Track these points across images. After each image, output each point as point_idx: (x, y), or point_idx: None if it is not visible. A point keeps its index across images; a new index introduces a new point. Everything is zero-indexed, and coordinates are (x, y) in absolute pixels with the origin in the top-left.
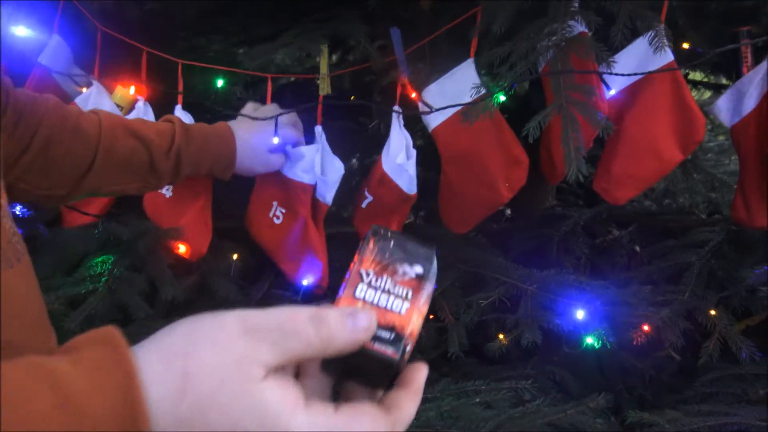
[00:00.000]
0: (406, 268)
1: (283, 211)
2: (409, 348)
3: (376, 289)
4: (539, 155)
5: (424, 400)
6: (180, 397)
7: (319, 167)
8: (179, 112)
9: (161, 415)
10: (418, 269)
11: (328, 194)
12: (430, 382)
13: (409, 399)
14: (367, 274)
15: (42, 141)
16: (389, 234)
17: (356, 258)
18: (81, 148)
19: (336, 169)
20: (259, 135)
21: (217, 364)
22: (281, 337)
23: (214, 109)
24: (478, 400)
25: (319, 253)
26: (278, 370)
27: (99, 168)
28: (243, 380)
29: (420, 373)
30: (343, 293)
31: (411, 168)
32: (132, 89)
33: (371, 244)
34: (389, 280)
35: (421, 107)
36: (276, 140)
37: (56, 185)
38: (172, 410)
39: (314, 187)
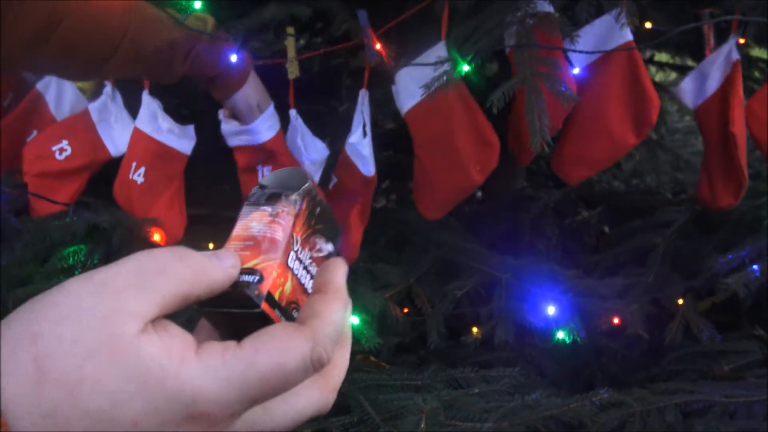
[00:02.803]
0: (323, 243)
1: None
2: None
3: (300, 262)
4: (508, 137)
5: (417, 387)
6: (37, 387)
7: (301, 150)
8: (146, 97)
9: (21, 416)
10: (330, 248)
11: (314, 176)
12: (414, 367)
13: (326, 303)
14: (297, 242)
15: (61, 37)
16: (318, 198)
17: (283, 211)
18: (106, 38)
19: (319, 149)
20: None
21: (74, 333)
22: (145, 279)
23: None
24: (477, 390)
25: None
26: (158, 322)
27: (121, 57)
28: (112, 341)
29: (337, 270)
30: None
31: (365, 148)
32: None
33: (304, 205)
34: (308, 255)
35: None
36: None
37: (76, 66)
38: (34, 405)
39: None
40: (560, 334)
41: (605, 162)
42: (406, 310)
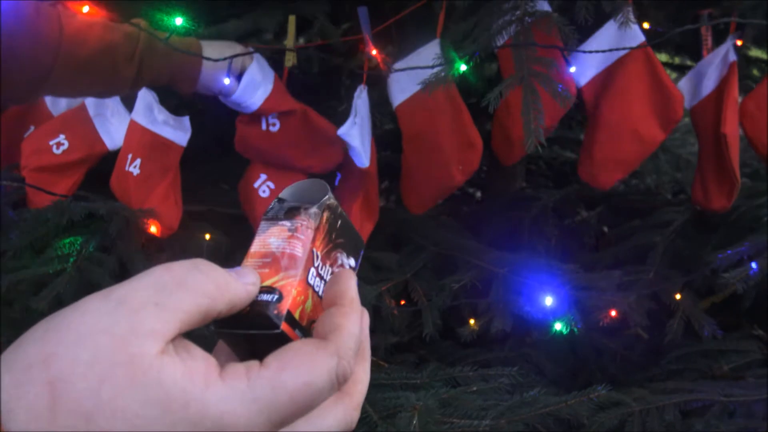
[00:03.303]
0: (344, 258)
1: (272, 186)
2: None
3: (321, 278)
4: (491, 136)
5: (417, 386)
6: (51, 414)
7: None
8: (142, 89)
9: None
10: (352, 262)
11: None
12: (413, 366)
13: (345, 315)
14: (317, 257)
15: None
16: (339, 210)
17: (302, 225)
18: (41, 55)
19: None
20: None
21: (90, 355)
22: (164, 295)
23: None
24: (475, 388)
25: None
26: (179, 343)
27: (60, 73)
28: (131, 363)
29: (349, 281)
30: (292, 267)
31: (354, 139)
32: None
33: (324, 218)
34: (329, 271)
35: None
36: (227, 81)
37: (16, 89)
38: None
39: None
40: (558, 326)
41: (636, 162)
42: (402, 302)
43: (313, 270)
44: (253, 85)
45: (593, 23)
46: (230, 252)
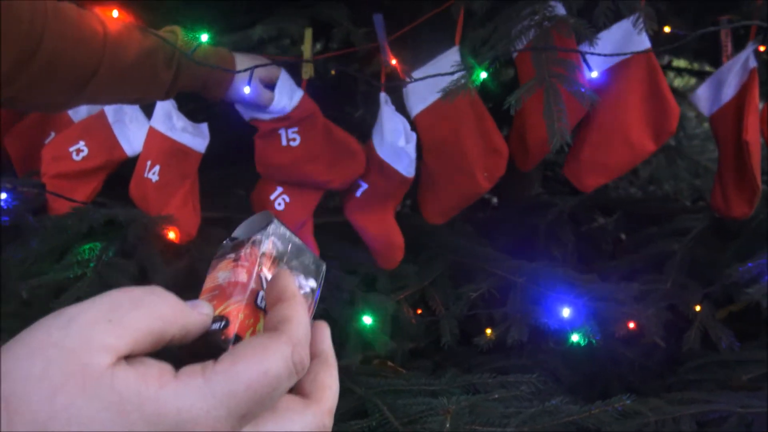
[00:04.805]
0: (302, 280)
1: (287, 200)
2: None
3: None
4: (509, 141)
5: (435, 393)
6: (8, 428)
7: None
8: None
9: None
10: (312, 283)
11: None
12: (429, 372)
13: (290, 307)
14: (265, 281)
15: (46, 54)
16: (287, 234)
17: (246, 253)
18: (86, 57)
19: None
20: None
21: (42, 368)
22: (118, 313)
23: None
24: (497, 396)
25: (311, 243)
26: (132, 358)
27: (102, 76)
28: (83, 372)
29: (285, 279)
30: (235, 294)
31: (412, 151)
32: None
33: (270, 243)
34: None
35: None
36: (247, 90)
37: (58, 93)
38: None
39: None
40: (575, 337)
41: (622, 169)
42: (419, 312)
43: (261, 293)
44: (287, 91)
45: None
46: None
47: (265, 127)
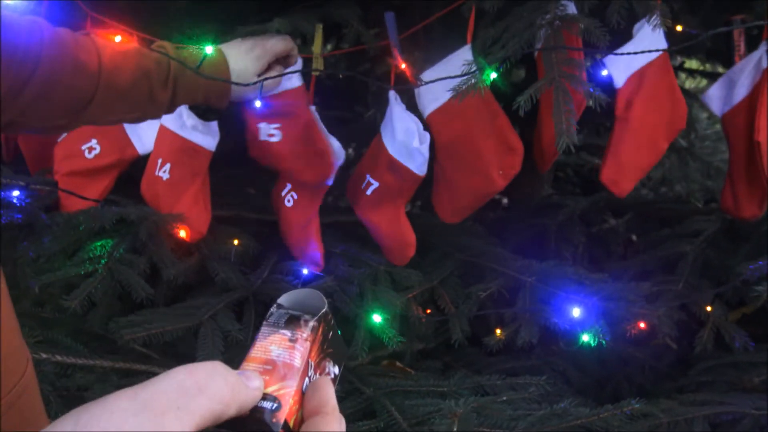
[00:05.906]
0: (330, 366)
1: (295, 196)
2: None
3: None
4: (533, 143)
5: (444, 394)
6: None
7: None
8: None
9: None
10: (336, 370)
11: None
12: (438, 373)
13: (329, 424)
14: (311, 367)
15: (41, 80)
16: (332, 321)
17: (301, 337)
18: (82, 83)
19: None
20: (251, 60)
21: None
22: (185, 400)
23: None
24: (505, 398)
25: (317, 241)
26: None
27: (99, 100)
28: None
29: (328, 389)
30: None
31: (425, 150)
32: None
33: (321, 330)
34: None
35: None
36: (258, 104)
37: (56, 117)
38: None
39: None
40: (585, 337)
41: (648, 169)
42: (428, 311)
43: (307, 380)
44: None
45: (626, 26)
46: (258, 257)
47: (251, 121)
